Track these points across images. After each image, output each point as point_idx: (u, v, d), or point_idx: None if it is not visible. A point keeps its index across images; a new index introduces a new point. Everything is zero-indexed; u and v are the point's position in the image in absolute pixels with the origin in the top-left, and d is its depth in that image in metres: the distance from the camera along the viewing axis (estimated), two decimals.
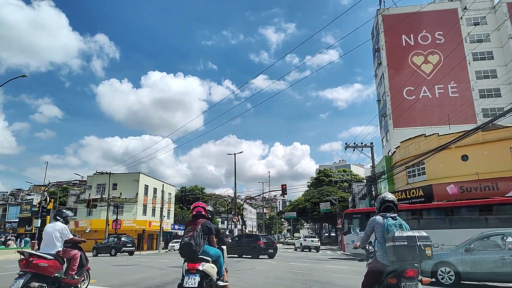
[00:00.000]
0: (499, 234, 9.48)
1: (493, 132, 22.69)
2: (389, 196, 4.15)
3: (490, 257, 8.84)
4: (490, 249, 9.14)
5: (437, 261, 9.45)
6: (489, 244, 9.35)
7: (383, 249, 3.83)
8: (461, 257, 9.19)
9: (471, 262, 9.02)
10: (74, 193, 55.72)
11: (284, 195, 36.55)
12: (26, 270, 5.52)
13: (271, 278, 9.93)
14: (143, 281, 8.94)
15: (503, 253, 8.67)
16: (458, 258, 9.23)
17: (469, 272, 9.04)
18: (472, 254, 9.11)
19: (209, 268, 4.69)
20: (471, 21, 38.45)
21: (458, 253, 9.41)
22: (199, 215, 5.01)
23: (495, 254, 8.83)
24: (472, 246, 9.37)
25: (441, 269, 9.39)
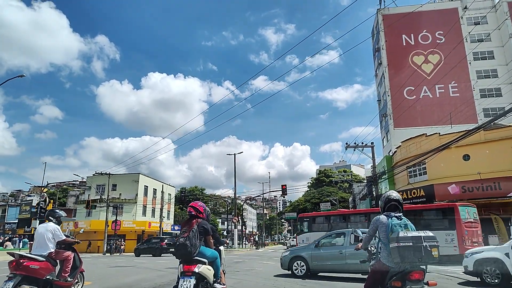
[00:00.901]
0: (341, 232, 11.28)
1: (494, 132, 22.51)
2: (394, 195, 3.94)
3: (332, 252, 10.45)
4: (334, 245, 10.80)
5: (292, 256, 11.01)
6: (333, 241, 11.03)
7: (387, 250, 3.64)
8: (311, 252, 10.75)
9: (319, 256, 10.59)
10: (74, 194, 55.54)
11: (284, 195, 36.41)
12: (16, 272, 5.33)
13: (271, 280, 9.74)
14: (138, 283, 8.76)
15: (341, 248, 10.33)
16: (309, 253, 10.76)
17: (316, 265, 10.57)
18: (320, 249, 10.72)
19: (205, 270, 4.51)
20: (472, 21, 38.30)
21: (309, 248, 11.02)
22: (193, 216, 4.82)
23: (336, 249, 10.46)
24: (320, 242, 11.03)
25: (295, 262, 10.81)
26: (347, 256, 10.03)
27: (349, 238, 10.47)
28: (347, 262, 10.03)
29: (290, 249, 12.60)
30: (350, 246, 10.13)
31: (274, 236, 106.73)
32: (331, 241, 11.09)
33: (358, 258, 9.40)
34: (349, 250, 10.10)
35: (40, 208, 27.82)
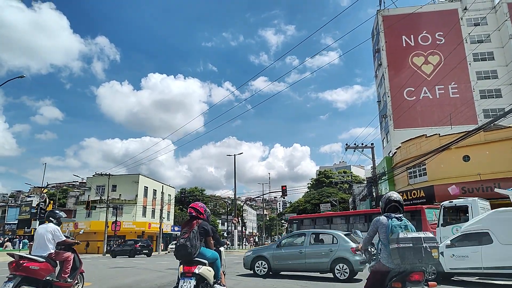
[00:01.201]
0: (302, 232, 11.78)
1: (494, 132, 22.51)
2: (394, 196, 3.94)
3: (293, 251, 10.83)
4: (294, 245, 11.21)
5: (255, 255, 11.37)
6: (295, 241, 11.46)
7: (387, 251, 3.63)
8: (273, 252, 11.13)
9: (280, 256, 10.97)
10: (74, 194, 55.53)
11: (284, 196, 36.37)
12: (16, 273, 5.32)
13: (271, 281, 9.73)
14: (138, 283, 8.75)
15: (301, 248, 10.76)
16: (270, 253, 11.14)
17: (277, 264, 10.96)
18: (281, 249, 11.11)
19: (205, 271, 4.51)
20: (472, 22, 38.33)
21: (271, 248, 11.42)
22: (193, 216, 4.82)
23: (297, 249, 10.87)
24: (282, 243, 11.44)
25: (258, 262, 11.21)
26: (306, 256, 10.56)
27: (309, 239, 10.98)
28: (307, 262, 10.52)
29: (252, 249, 12.93)
30: (309, 246, 10.73)
31: (274, 237, 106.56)
32: (292, 241, 11.54)
33: (316, 257, 10.50)
34: (308, 249, 10.64)
35: (40, 209, 27.82)
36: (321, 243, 11.02)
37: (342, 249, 10.14)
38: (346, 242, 10.31)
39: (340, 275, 9.90)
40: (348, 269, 9.85)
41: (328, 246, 10.51)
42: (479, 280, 9.35)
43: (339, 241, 10.44)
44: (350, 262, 9.92)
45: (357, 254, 9.89)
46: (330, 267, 10.15)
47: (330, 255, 10.21)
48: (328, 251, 10.33)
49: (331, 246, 10.41)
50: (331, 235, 10.98)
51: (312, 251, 10.59)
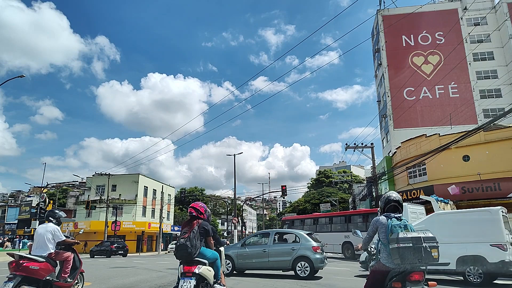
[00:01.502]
0: (266, 232, 12.20)
1: (494, 132, 22.50)
2: (394, 195, 3.94)
3: (256, 250, 11.12)
4: (259, 244, 11.54)
5: None
6: (259, 241, 11.77)
7: (387, 251, 3.64)
8: (237, 251, 11.33)
9: (244, 255, 11.20)
10: (74, 194, 55.57)
11: (284, 196, 36.36)
12: (16, 273, 5.33)
13: (271, 281, 9.73)
14: (138, 283, 8.75)
15: (265, 247, 11.11)
16: (235, 251, 11.33)
17: (242, 263, 11.17)
18: (246, 248, 11.37)
19: (205, 271, 4.51)
20: (471, 21, 38.31)
21: (236, 247, 11.60)
22: (194, 216, 4.82)
23: (260, 248, 11.21)
24: (246, 242, 11.68)
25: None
26: (270, 254, 10.93)
27: (272, 238, 11.36)
28: (270, 260, 10.91)
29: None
30: (273, 245, 11.13)
31: None
32: (257, 241, 11.90)
33: (279, 256, 10.87)
34: (272, 248, 11.03)
35: (40, 209, 27.79)
36: (284, 242, 11.44)
37: (304, 248, 10.53)
38: (307, 241, 10.71)
39: (301, 273, 10.32)
40: (309, 267, 10.27)
41: (291, 245, 10.96)
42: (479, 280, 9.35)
43: (301, 240, 10.87)
44: (311, 260, 10.35)
45: (317, 252, 10.53)
46: (292, 265, 10.54)
47: (292, 254, 10.63)
48: (290, 250, 10.75)
49: (294, 245, 10.86)
50: (294, 234, 11.42)
51: (275, 250, 11.00)
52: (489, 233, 9.74)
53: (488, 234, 9.69)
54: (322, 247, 11.03)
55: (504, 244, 9.32)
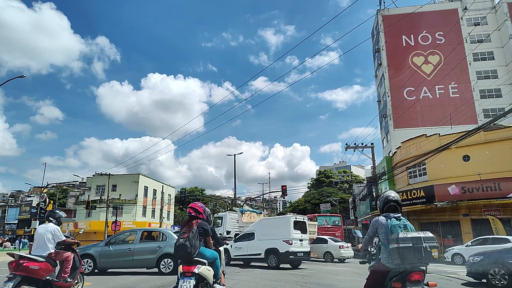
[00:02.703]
0: (134, 230, 12.35)
1: (495, 132, 22.49)
2: (392, 195, 3.93)
3: (121, 249, 11.10)
4: (124, 243, 11.50)
5: (81, 253, 10.93)
6: (126, 239, 11.73)
7: (387, 251, 3.64)
8: (100, 250, 11.18)
9: (108, 254, 11.08)
10: (74, 194, 55.55)
11: (284, 196, 36.34)
12: (16, 273, 5.34)
13: (271, 281, 9.73)
14: (138, 283, 8.75)
15: (130, 245, 11.18)
16: (98, 250, 11.19)
17: (105, 262, 11.08)
18: (110, 247, 11.19)
19: (205, 271, 4.51)
20: (472, 21, 38.30)
21: (99, 246, 11.45)
22: (192, 216, 4.82)
23: (125, 246, 11.22)
24: (111, 240, 11.54)
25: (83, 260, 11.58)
26: (135, 253, 11.03)
27: (138, 236, 11.44)
28: (134, 258, 11.02)
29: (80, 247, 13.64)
30: (139, 243, 11.24)
31: None
32: (123, 239, 11.83)
33: (144, 254, 11.04)
34: (137, 247, 11.15)
35: (40, 209, 27.80)
36: (151, 241, 11.64)
37: (170, 246, 10.63)
38: (173, 239, 10.87)
39: (165, 269, 10.70)
40: (173, 263, 10.64)
41: (157, 243, 11.20)
42: (479, 280, 9.36)
43: (168, 238, 11.15)
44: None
45: None
46: (156, 263, 10.83)
47: (157, 252, 10.89)
48: (156, 248, 10.98)
49: (160, 243, 11.15)
50: (161, 232, 11.75)
51: (140, 249, 11.13)
52: (283, 232, 14.51)
53: (282, 233, 14.47)
54: None
55: (290, 240, 14.17)
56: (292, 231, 14.46)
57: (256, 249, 14.97)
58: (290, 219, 15.16)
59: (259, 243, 14.93)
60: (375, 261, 4.00)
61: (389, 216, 3.77)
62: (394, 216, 3.73)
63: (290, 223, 14.68)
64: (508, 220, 20.06)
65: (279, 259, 14.21)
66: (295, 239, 14.35)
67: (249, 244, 15.25)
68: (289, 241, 14.10)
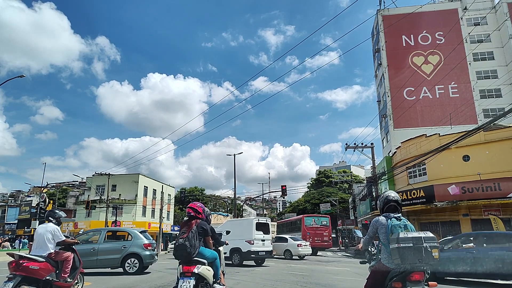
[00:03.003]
0: (98, 230, 12.72)
1: (495, 132, 22.47)
2: (392, 195, 3.93)
3: (85, 249, 11.00)
4: (89, 242, 11.58)
5: None
6: (90, 239, 11.78)
7: (387, 251, 3.63)
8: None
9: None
10: (73, 194, 55.54)
11: (284, 196, 36.34)
12: (15, 273, 5.33)
13: (271, 281, 9.73)
14: (138, 283, 8.75)
15: (95, 245, 11.22)
16: None
17: None
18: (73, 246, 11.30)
19: (204, 271, 4.50)
20: (471, 21, 38.30)
21: None
22: (192, 216, 4.81)
23: (90, 246, 11.26)
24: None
25: None
26: (99, 253, 11.12)
27: (103, 236, 11.52)
28: (99, 258, 11.11)
29: None
30: (103, 243, 11.35)
31: None
32: (87, 239, 11.88)
33: (109, 254, 11.11)
34: (102, 246, 11.22)
35: (40, 209, 27.78)
36: (116, 240, 11.77)
37: (135, 245, 10.90)
38: (139, 239, 11.17)
39: (130, 269, 10.84)
40: (138, 263, 10.84)
41: (122, 243, 11.32)
42: (479, 280, 9.36)
43: (133, 237, 11.26)
44: (140, 256, 10.86)
45: (148, 249, 11.03)
46: (121, 263, 10.98)
47: (122, 252, 11.02)
48: (121, 248, 11.11)
49: (125, 243, 11.27)
50: (127, 232, 11.81)
51: (105, 248, 11.20)
52: (246, 233, 15.87)
53: (245, 234, 15.85)
54: (154, 244, 11.60)
55: (252, 240, 15.65)
56: (254, 232, 15.86)
57: (226, 249, 15.48)
58: (252, 221, 16.48)
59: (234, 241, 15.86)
60: (375, 261, 4.00)
61: (389, 216, 3.76)
62: (394, 216, 3.73)
63: (253, 225, 16.02)
64: (508, 220, 20.05)
65: (241, 257, 15.65)
66: (257, 240, 15.81)
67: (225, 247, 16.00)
68: (251, 241, 15.61)
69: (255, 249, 15.53)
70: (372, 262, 4.14)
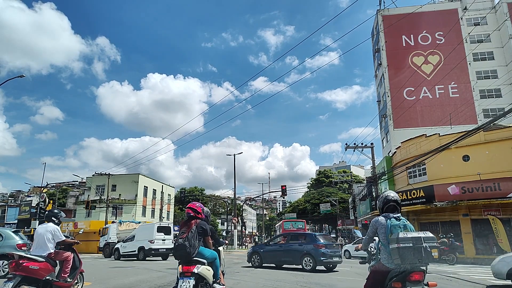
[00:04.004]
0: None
1: (494, 132, 22.47)
2: (392, 195, 3.93)
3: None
4: None
5: None
6: None
7: (387, 251, 3.63)
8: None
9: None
10: (73, 194, 55.55)
11: (284, 196, 36.36)
12: (15, 273, 5.33)
13: (271, 281, 9.73)
14: (138, 283, 8.75)
15: None
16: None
17: None
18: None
19: (204, 271, 4.50)
20: (471, 21, 38.31)
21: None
22: (191, 216, 4.81)
23: None
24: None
25: None
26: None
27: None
28: None
29: None
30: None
31: None
32: None
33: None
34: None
35: (40, 209, 27.84)
36: None
37: (7, 246, 10.71)
38: (11, 239, 11.11)
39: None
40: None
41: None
42: (479, 281, 9.35)
43: (4, 238, 11.07)
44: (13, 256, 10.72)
45: (21, 250, 10.74)
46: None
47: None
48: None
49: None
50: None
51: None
52: (149, 235, 19.96)
53: (149, 235, 19.94)
54: (29, 245, 11.34)
55: (153, 240, 19.64)
56: (155, 234, 20.04)
57: (133, 247, 20.38)
58: (154, 225, 21.03)
59: (135, 243, 20.44)
60: (375, 261, 4.00)
61: (389, 216, 3.76)
62: (394, 216, 3.73)
63: (154, 228, 20.38)
64: (508, 220, 20.05)
65: (145, 254, 19.69)
66: (157, 239, 20.00)
67: (130, 244, 20.63)
68: (152, 241, 19.79)
69: (155, 246, 19.79)
70: (372, 262, 4.14)
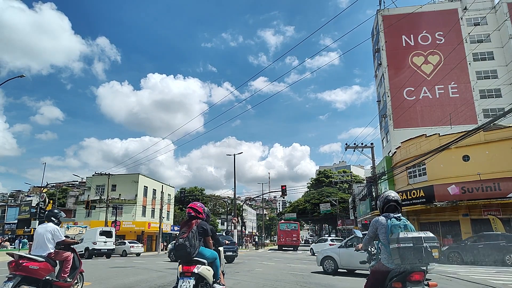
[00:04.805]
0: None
1: (494, 132, 22.48)
2: (392, 195, 3.92)
3: None
4: None
5: None
6: None
7: (387, 251, 3.63)
8: None
9: None
10: (73, 194, 55.49)
11: (284, 196, 36.34)
12: (15, 273, 5.32)
13: (271, 281, 9.72)
14: (138, 283, 8.75)
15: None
16: None
17: None
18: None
19: (204, 271, 4.49)
20: (471, 21, 38.31)
21: None
22: (192, 216, 4.81)
23: None
24: None
25: None
26: None
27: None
28: None
29: None
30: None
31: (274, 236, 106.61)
32: None
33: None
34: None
35: (40, 209, 27.76)
36: None
37: None
38: None
39: None
40: None
41: None
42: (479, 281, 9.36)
43: None
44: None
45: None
46: None
47: None
48: None
49: None
50: None
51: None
52: (93, 237, 24.26)
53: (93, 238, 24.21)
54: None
55: (95, 241, 24.02)
56: (97, 237, 24.48)
57: (81, 247, 23.70)
58: (97, 229, 25.48)
59: (83, 244, 24.16)
60: (375, 261, 4.00)
61: (389, 216, 3.76)
62: (394, 216, 3.72)
63: (97, 232, 24.76)
64: (508, 220, 20.07)
65: (89, 253, 23.68)
66: (99, 241, 24.40)
67: (79, 245, 21.49)
68: (94, 242, 24.17)
69: (97, 247, 24.12)
70: (372, 262, 4.14)
